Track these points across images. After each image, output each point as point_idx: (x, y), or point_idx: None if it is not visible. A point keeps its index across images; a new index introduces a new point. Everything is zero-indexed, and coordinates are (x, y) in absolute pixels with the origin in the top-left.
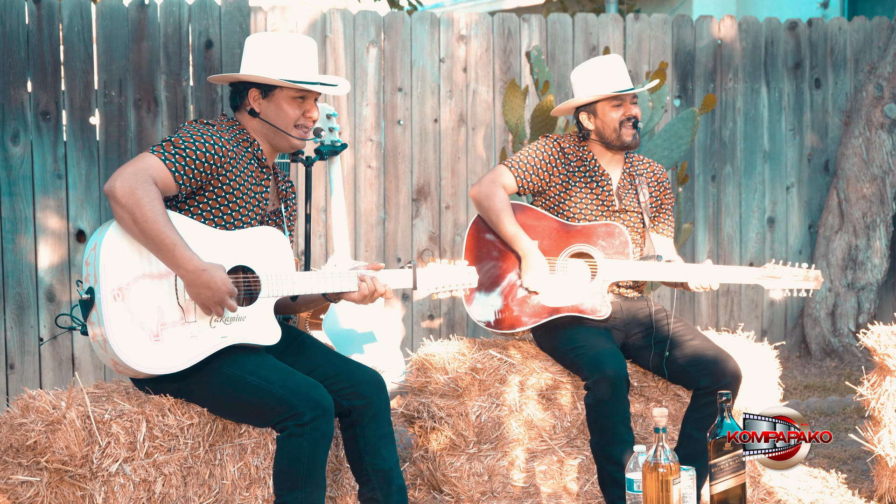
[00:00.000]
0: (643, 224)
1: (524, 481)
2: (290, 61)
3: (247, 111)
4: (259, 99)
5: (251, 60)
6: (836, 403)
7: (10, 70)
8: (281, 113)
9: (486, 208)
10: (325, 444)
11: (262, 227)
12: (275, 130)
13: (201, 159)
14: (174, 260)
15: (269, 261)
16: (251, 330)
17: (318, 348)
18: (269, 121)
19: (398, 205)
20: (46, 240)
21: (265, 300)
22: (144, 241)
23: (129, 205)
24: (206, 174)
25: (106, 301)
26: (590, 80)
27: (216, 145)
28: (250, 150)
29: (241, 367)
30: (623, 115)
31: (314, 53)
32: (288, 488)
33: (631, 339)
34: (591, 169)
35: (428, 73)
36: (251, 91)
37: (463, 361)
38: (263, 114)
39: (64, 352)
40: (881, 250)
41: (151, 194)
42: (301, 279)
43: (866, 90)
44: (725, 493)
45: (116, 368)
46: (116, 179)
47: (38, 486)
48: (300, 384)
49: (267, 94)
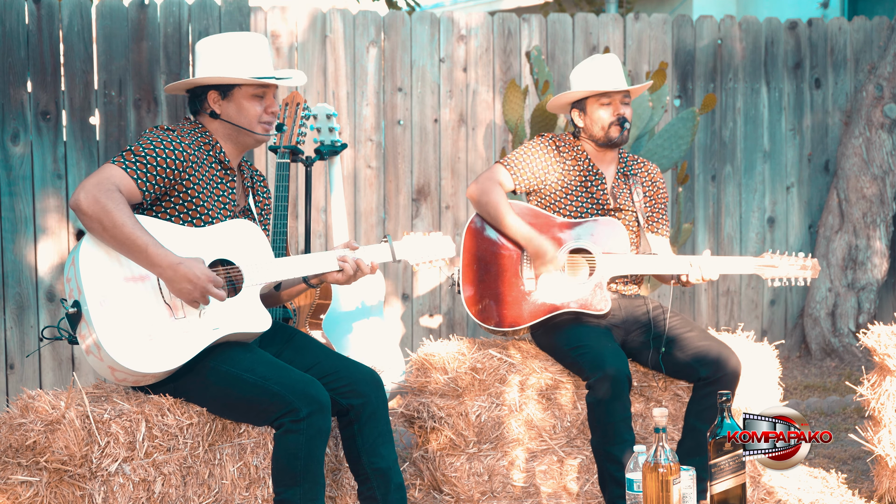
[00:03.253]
0: (638, 223)
1: (524, 481)
2: (243, 60)
3: (207, 114)
4: (219, 100)
5: (206, 64)
6: (836, 403)
7: (10, 70)
8: (243, 111)
9: (485, 204)
10: (322, 439)
11: (234, 220)
12: (238, 129)
13: (162, 165)
14: (149, 259)
15: (246, 251)
16: (241, 319)
17: (315, 346)
18: (232, 120)
19: (398, 205)
20: (46, 240)
21: (250, 288)
22: (117, 247)
23: (95, 213)
24: (168, 179)
25: (94, 310)
26: (583, 77)
27: (176, 150)
28: (212, 152)
29: (237, 365)
30: (612, 113)
31: (266, 49)
32: (286, 485)
33: (630, 337)
34: (586, 168)
35: (428, 73)
36: (210, 94)
37: (463, 361)
38: (225, 114)
39: (64, 352)
40: (881, 250)
41: (116, 200)
42: (281, 264)
43: (866, 90)
44: (725, 493)
45: (115, 376)
46: (80, 192)
47: (37, 486)
48: (296, 380)
49: (226, 94)
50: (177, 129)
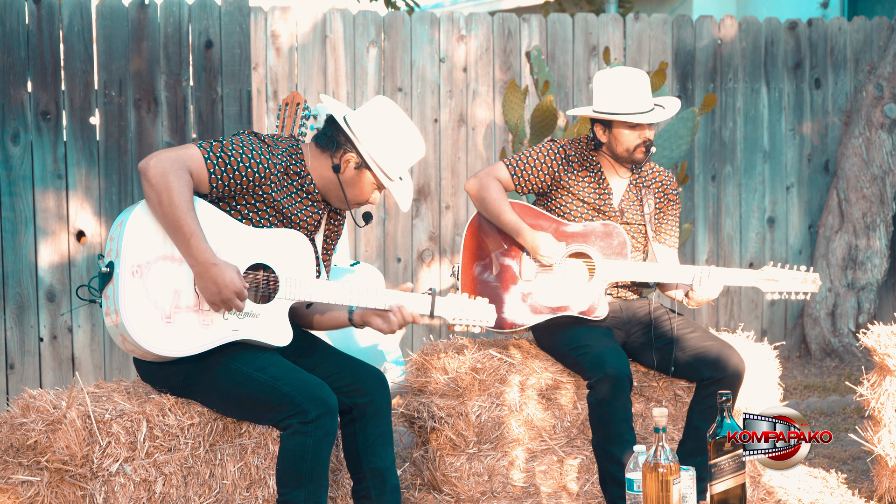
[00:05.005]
0: (645, 236)
1: (524, 481)
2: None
3: (330, 162)
4: (349, 167)
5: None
6: (836, 403)
7: (10, 70)
8: (356, 189)
9: (483, 199)
10: (329, 442)
11: (289, 230)
12: (339, 193)
13: (242, 172)
14: (188, 248)
15: (290, 263)
16: (263, 328)
17: (320, 345)
18: (344, 186)
19: (398, 204)
20: (46, 240)
21: (281, 301)
22: (165, 224)
23: (158, 185)
24: (240, 186)
25: (124, 276)
26: (611, 93)
27: (262, 163)
28: (298, 180)
29: (248, 363)
30: (639, 137)
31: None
32: (291, 486)
33: (632, 338)
34: (595, 181)
35: (428, 73)
36: (348, 154)
37: (463, 361)
38: (343, 178)
39: (64, 352)
40: (881, 250)
41: (183, 181)
42: (319, 285)
43: (866, 90)
44: (725, 493)
45: (125, 346)
46: (152, 158)
47: (38, 486)
48: (306, 382)
49: (360, 166)
50: (271, 143)
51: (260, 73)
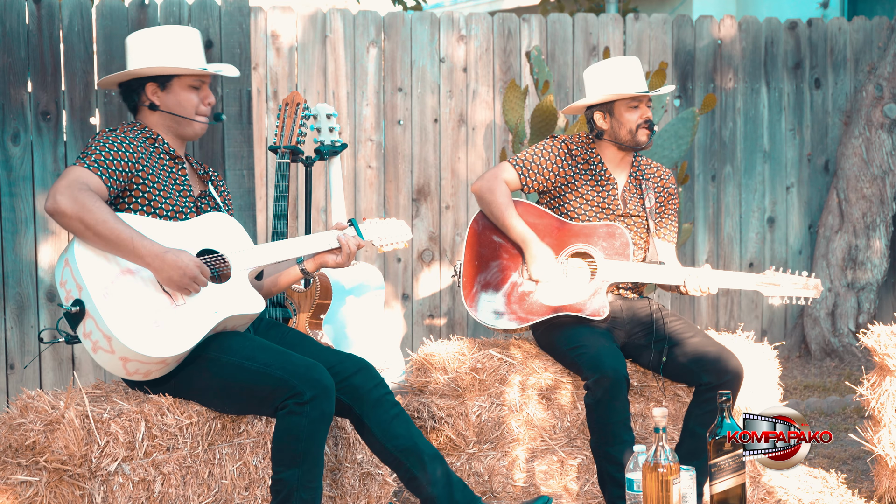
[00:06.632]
0: (647, 229)
1: (524, 481)
2: (180, 51)
3: (146, 106)
4: (157, 92)
5: (140, 56)
6: (836, 403)
7: (10, 70)
8: (182, 102)
9: (488, 202)
10: (325, 423)
11: (210, 214)
12: (178, 119)
13: (119, 160)
14: (135, 251)
15: (227, 241)
16: (237, 302)
17: (309, 343)
18: (172, 111)
19: (398, 205)
20: (46, 240)
21: (239, 273)
22: (102, 243)
23: (76, 213)
24: (126, 173)
25: (99, 302)
26: (608, 79)
27: (124, 144)
28: (156, 145)
29: (237, 354)
30: (640, 117)
31: (200, 42)
32: (285, 465)
33: (632, 338)
34: (598, 172)
35: (428, 73)
36: (148, 86)
37: (463, 361)
38: (164, 105)
39: (64, 352)
40: (881, 250)
41: (93, 197)
42: (265, 247)
43: (866, 90)
44: (725, 493)
45: (127, 368)
46: (55, 195)
47: (37, 486)
48: (298, 364)
49: (165, 85)
50: (120, 129)
51: (260, 73)
